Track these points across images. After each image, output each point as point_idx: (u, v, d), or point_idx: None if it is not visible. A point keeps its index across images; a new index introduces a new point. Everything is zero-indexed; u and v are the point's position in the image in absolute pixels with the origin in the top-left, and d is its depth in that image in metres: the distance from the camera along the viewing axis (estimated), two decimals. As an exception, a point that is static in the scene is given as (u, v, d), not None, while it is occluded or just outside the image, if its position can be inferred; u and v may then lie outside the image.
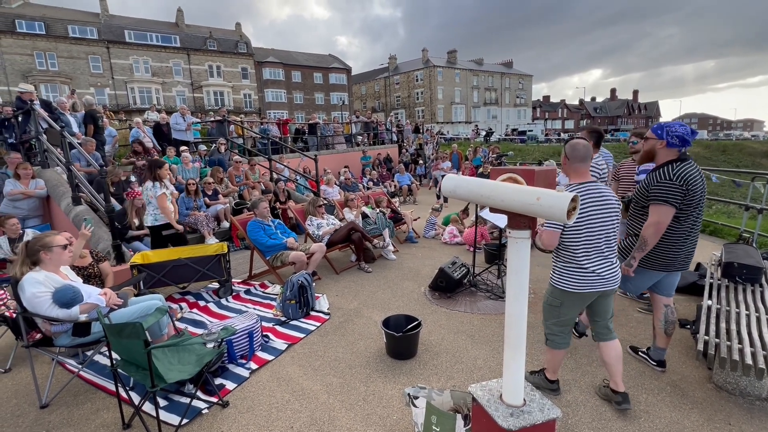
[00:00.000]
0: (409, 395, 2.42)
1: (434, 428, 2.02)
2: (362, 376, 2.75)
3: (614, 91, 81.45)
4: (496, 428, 1.52)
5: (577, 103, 76.79)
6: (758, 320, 2.67)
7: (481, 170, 11.16)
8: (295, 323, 3.58)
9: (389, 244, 5.56)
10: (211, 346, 2.54)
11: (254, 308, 3.96)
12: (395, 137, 16.06)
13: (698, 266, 4.33)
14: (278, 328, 3.50)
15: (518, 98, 60.23)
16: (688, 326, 3.22)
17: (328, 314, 3.74)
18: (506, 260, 2.14)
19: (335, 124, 14.68)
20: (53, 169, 6.05)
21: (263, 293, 4.40)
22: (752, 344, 2.38)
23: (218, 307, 4.04)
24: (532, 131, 39.11)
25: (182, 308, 3.96)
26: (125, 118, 18.57)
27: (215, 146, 8.76)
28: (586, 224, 2.05)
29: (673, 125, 2.44)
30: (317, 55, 48.93)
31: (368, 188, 10.13)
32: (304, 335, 3.35)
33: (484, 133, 30.73)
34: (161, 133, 8.72)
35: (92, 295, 2.61)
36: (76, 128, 6.81)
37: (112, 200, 4.89)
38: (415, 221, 6.85)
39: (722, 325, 2.62)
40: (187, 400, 2.41)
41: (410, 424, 2.24)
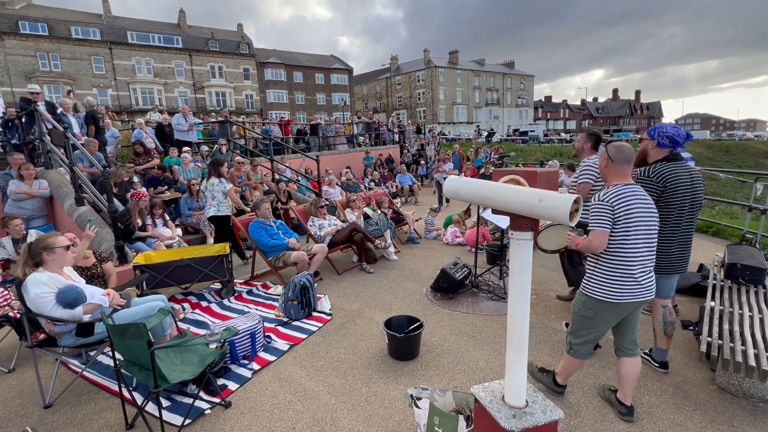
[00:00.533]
0: (411, 396, 2.42)
1: (436, 429, 2.02)
2: (364, 376, 2.75)
3: (616, 91, 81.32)
4: (498, 429, 1.52)
5: (579, 103, 76.66)
6: (761, 322, 2.66)
7: (482, 171, 11.16)
8: (297, 324, 3.59)
9: (391, 244, 5.57)
10: (213, 346, 2.54)
11: (256, 309, 3.97)
12: (397, 138, 16.07)
13: (701, 267, 4.32)
14: (280, 328, 3.51)
15: (520, 99, 60.15)
16: (691, 328, 3.20)
17: (330, 315, 3.75)
18: (508, 261, 2.13)
19: (337, 124, 14.68)
20: (56, 169, 6.08)
21: (265, 294, 4.41)
22: (755, 346, 2.37)
23: (220, 307, 4.05)
24: (534, 132, 39.07)
25: (185, 309, 3.97)
26: (127, 118, 18.62)
27: (217, 147, 8.78)
28: (634, 227, 1.97)
29: (665, 127, 2.48)
30: (319, 55, 49.00)
31: (370, 189, 10.14)
32: (306, 336, 3.36)
33: (485, 133, 30.72)
34: (164, 133, 8.75)
35: (95, 295, 2.62)
36: (77, 129, 6.84)
37: (114, 201, 4.91)
38: (416, 222, 6.85)
39: (725, 326, 2.61)
40: (189, 400, 2.42)
41: (412, 425, 2.24)
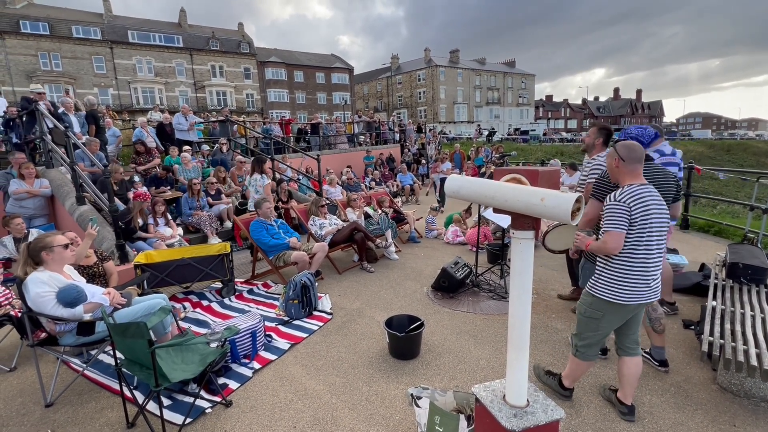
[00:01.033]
0: (412, 395, 2.42)
1: (437, 429, 2.02)
2: (365, 376, 2.75)
3: (617, 90, 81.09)
4: (499, 429, 1.52)
5: (580, 102, 76.52)
6: (763, 321, 2.65)
7: (483, 170, 11.14)
8: (297, 323, 3.59)
9: (391, 244, 5.56)
10: (214, 345, 2.55)
11: (257, 308, 3.97)
12: (397, 137, 16.06)
13: (702, 267, 4.31)
14: (281, 327, 3.51)
15: (521, 98, 60.05)
16: (692, 327, 3.20)
17: (330, 314, 3.75)
18: (509, 260, 2.12)
19: (337, 123, 14.67)
20: (57, 168, 6.09)
21: (266, 293, 4.41)
22: (757, 345, 2.36)
23: (221, 306, 4.05)
24: (534, 131, 39.03)
25: (185, 308, 3.97)
26: (128, 118, 18.65)
27: (218, 146, 8.79)
28: (649, 228, 1.95)
29: (631, 128, 2.70)
30: (319, 54, 48.97)
31: (370, 188, 10.13)
32: (306, 335, 3.36)
33: (486, 132, 30.68)
34: (164, 133, 8.75)
35: (96, 294, 2.62)
36: (78, 128, 6.84)
37: (115, 200, 4.91)
38: (417, 221, 6.85)
39: (727, 326, 2.60)
40: (190, 399, 2.42)
41: (413, 424, 2.24)
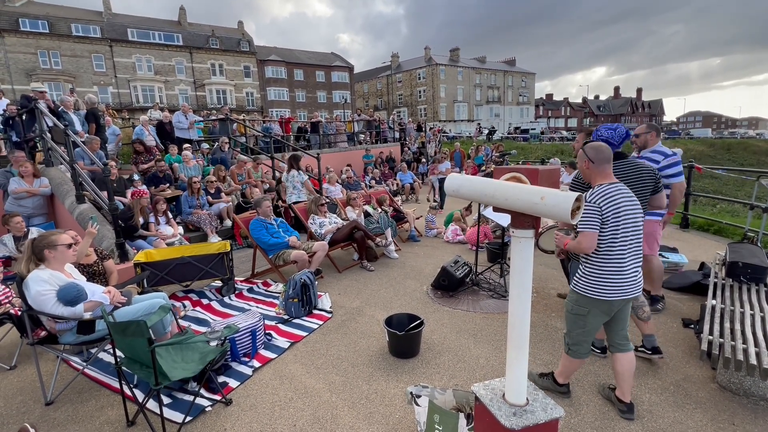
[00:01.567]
0: (411, 394, 2.42)
1: (437, 427, 2.02)
2: (365, 374, 2.76)
3: (618, 89, 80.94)
4: (498, 427, 1.52)
5: (580, 101, 76.42)
6: (763, 320, 2.65)
7: (483, 168, 11.14)
8: (297, 321, 3.59)
9: (391, 242, 5.56)
10: (214, 344, 2.55)
11: (257, 306, 3.98)
12: (397, 136, 16.04)
13: (702, 266, 4.31)
14: (281, 326, 3.51)
15: (521, 96, 59.98)
16: (692, 326, 3.20)
17: (330, 313, 3.75)
18: (509, 259, 2.13)
19: (337, 122, 14.65)
20: (57, 167, 6.08)
21: (266, 291, 4.41)
22: (757, 344, 2.37)
23: (221, 305, 4.05)
24: (534, 129, 38.98)
25: (185, 306, 3.97)
26: (128, 116, 18.63)
27: (218, 145, 8.78)
28: (623, 224, 2.00)
29: (601, 128, 2.64)
30: (319, 53, 48.89)
31: (370, 187, 10.13)
32: (306, 333, 3.36)
33: (486, 131, 30.66)
34: (164, 131, 8.75)
35: (96, 293, 2.62)
36: (79, 126, 6.84)
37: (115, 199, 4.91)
38: (417, 220, 6.85)
39: (726, 324, 2.60)
40: (190, 397, 2.42)
41: (412, 422, 2.25)
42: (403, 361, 2.91)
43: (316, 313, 3.75)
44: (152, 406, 2.35)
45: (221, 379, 2.70)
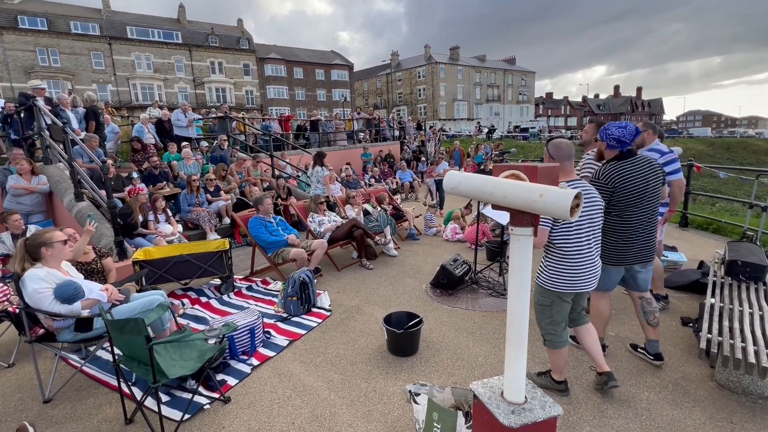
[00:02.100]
0: (410, 392, 2.42)
1: (435, 425, 2.02)
2: (363, 372, 2.76)
3: (618, 88, 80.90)
4: (497, 425, 1.52)
5: (580, 100, 76.36)
6: (761, 318, 2.65)
7: (482, 167, 11.13)
8: (296, 320, 3.59)
9: (390, 241, 5.56)
10: (212, 342, 2.54)
11: (256, 304, 3.97)
12: (397, 134, 16.03)
13: (701, 264, 4.31)
14: (280, 324, 3.51)
15: (521, 95, 59.91)
16: (690, 324, 3.20)
17: (329, 311, 3.75)
18: (508, 257, 2.13)
19: (337, 120, 14.64)
20: (55, 165, 6.07)
21: (265, 290, 4.41)
22: (755, 342, 2.37)
23: (220, 303, 4.04)
24: (534, 128, 38.97)
25: (184, 304, 3.97)
26: (127, 114, 18.59)
27: (217, 143, 8.76)
28: (575, 222, 2.05)
29: (610, 127, 2.50)
30: (319, 51, 48.78)
31: (370, 185, 10.12)
32: (305, 332, 3.36)
33: (486, 130, 30.65)
34: (163, 129, 8.73)
35: (94, 290, 2.62)
36: (76, 124, 6.81)
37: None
38: (416, 218, 6.85)
39: (725, 323, 2.61)
40: (188, 395, 2.42)
41: (411, 420, 2.25)
42: (401, 359, 2.90)
43: (314, 311, 3.74)
44: (150, 403, 2.34)
45: (220, 377, 2.70)
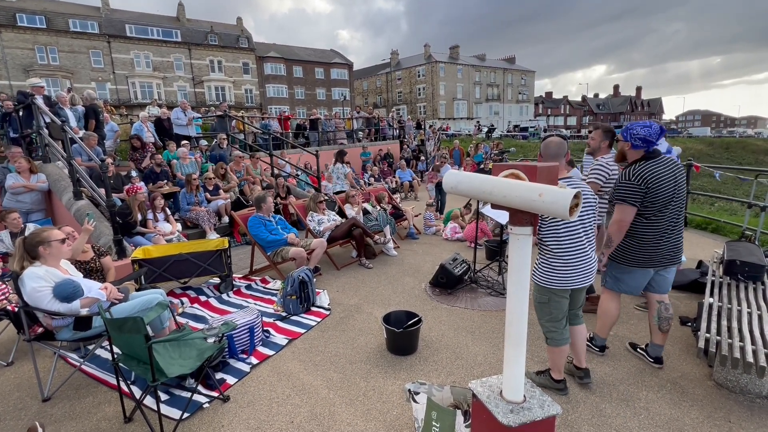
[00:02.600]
0: (409, 391, 2.43)
1: (434, 424, 2.02)
2: (362, 371, 2.76)
3: (617, 87, 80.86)
4: (496, 424, 1.52)
5: (579, 99, 76.36)
6: (760, 318, 2.66)
7: (482, 167, 11.13)
8: (295, 319, 3.59)
9: (390, 240, 5.56)
10: (212, 340, 2.54)
11: (255, 303, 3.97)
12: (397, 133, 16.02)
13: (700, 264, 4.32)
14: (279, 323, 3.51)
15: (521, 94, 59.88)
16: (689, 324, 3.21)
17: (328, 310, 3.75)
18: (507, 257, 2.13)
19: (336, 119, 14.62)
20: (54, 163, 6.05)
21: (264, 288, 4.41)
22: (753, 342, 2.37)
23: (219, 302, 4.04)
24: (534, 127, 38.97)
25: (183, 303, 3.97)
26: (126, 112, 18.55)
27: (216, 141, 8.75)
28: (565, 221, 2.06)
29: (635, 126, 2.43)
30: (319, 50, 48.67)
31: (369, 184, 10.11)
32: (304, 330, 3.36)
33: (486, 129, 30.65)
34: (162, 127, 8.71)
35: (93, 289, 2.61)
36: (74, 123, 6.79)
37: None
38: (415, 217, 6.85)
39: (723, 322, 2.61)
40: (188, 394, 2.42)
41: (410, 419, 2.25)
42: (401, 358, 2.91)
43: (314, 310, 3.74)
44: (149, 402, 2.34)
45: (219, 375, 2.70)
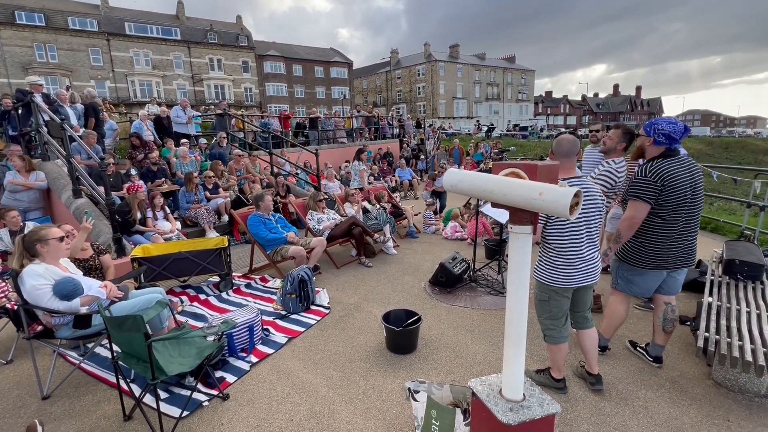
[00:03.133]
0: (409, 389, 2.43)
1: (434, 422, 2.03)
2: (362, 370, 2.76)
3: (617, 86, 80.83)
4: (495, 423, 1.52)
5: (579, 98, 76.34)
6: (759, 317, 2.66)
7: (482, 166, 11.12)
8: (295, 317, 3.59)
9: (390, 239, 5.56)
10: (211, 339, 2.54)
11: (255, 302, 3.97)
12: (396, 132, 16.01)
13: (699, 263, 4.32)
14: (278, 321, 3.51)
15: (520, 93, 59.84)
16: (688, 323, 3.22)
17: (328, 308, 3.75)
18: (507, 256, 2.13)
19: (336, 118, 14.60)
20: (53, 161, 6.04)
21: (264, 287, 4.41)
22: (752, 341, 2.38)
23: (219, 300, 4.04)
24: (533, 127, 38.97)
25: (183, 301, 3.97)
26: (126, 111, 18.51)
27: (216, 140, 8.74)
28: (571, 220, 2.05)
29: (661, 122, 2.37)
30: (319, 48, 48.59)
31: (369, 183, 10.10)
32: (304, 329, 3.36)
33: (485, 128, 30.64)
34: (162, 126, 8.70)
35: (92, 287, 2.61)
36: (74, 120, 6.78)
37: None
38: (415, 216, 6.85)
39: (722, 322, 2.62)
40: (187, 392, 2.43)
41: (409, 418, 2.25)
42: (400, 356, 2.91)
43: (313, 308, 3.75)
44: (149, 400, 2.34)
45: (218, 374, 2.70)
